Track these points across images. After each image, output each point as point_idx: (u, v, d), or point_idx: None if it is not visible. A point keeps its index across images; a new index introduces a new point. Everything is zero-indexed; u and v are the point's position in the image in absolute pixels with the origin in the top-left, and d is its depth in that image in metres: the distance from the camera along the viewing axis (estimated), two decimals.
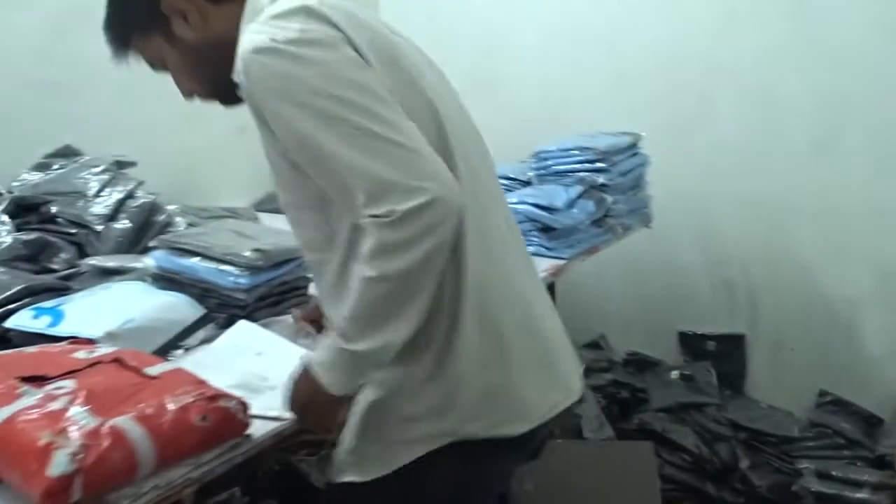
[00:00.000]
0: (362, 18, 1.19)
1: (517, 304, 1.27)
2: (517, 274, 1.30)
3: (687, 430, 2.62)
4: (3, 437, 1.09)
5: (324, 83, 1.09)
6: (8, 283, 1.68)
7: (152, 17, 1.26)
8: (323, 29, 1.12)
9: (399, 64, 1.19)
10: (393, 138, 1.08)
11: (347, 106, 1.08)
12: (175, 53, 1.29)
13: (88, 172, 2.21)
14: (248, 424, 1.24)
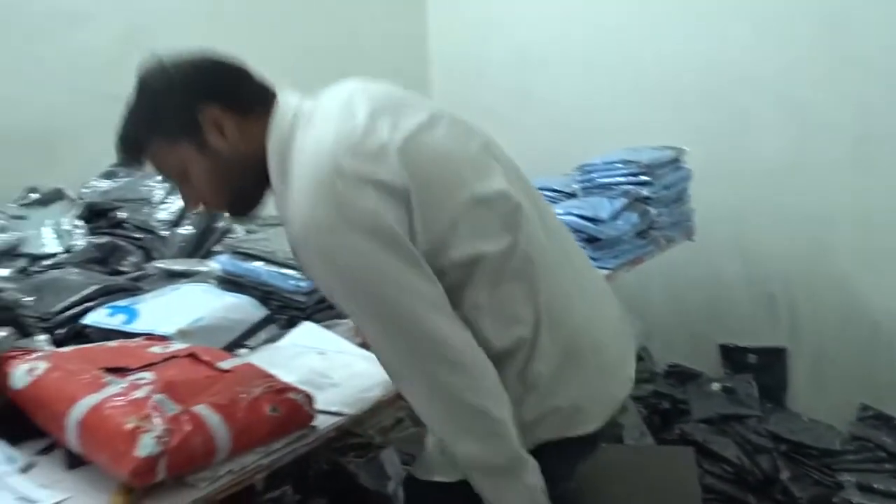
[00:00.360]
0: (395, 142, 1.20)
1: (586, 323, 1.34)
2: (583, 291, 1.38)
3: (728, 442, 2.65)
4: (93, 422, 1.17)
5: (371, 278, 1.15)
6: (83, 283, 1.79)
7: (186, 124, 1.25)
8: (358, 205, 1.13)
9: (440, 180, 1.21)
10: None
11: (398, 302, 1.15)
12: (204, 164, 1.27)
13: (153, 181, 2.32)
14: (313, 416, 1.32)
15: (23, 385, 1.30)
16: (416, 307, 1.16)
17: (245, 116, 1.27)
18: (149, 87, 1.29)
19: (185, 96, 1.25)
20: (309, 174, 1.16)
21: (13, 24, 2.29)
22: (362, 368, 1.54)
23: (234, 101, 1.27)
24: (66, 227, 2.07)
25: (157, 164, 1.32)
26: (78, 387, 1.24)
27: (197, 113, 1.25)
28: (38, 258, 1.97)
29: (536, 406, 1.28)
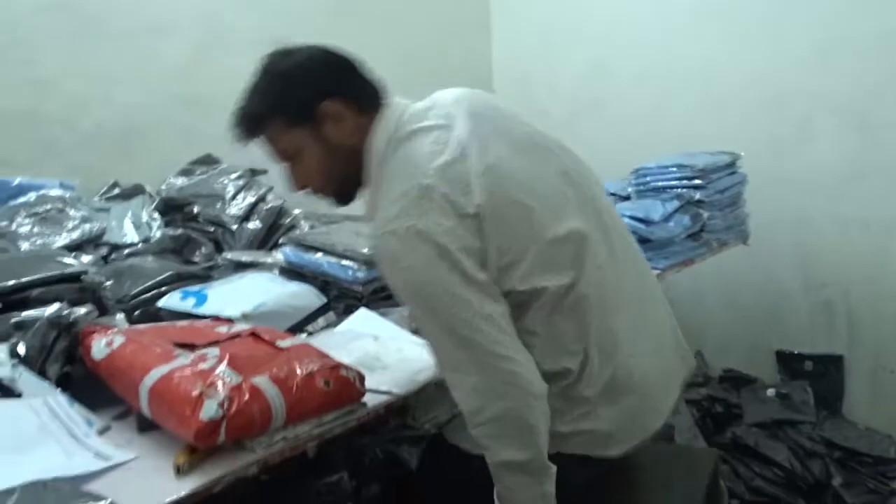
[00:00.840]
0: (479, 153, 1.30)
1: (635, 358, 1.40)
2: (637, 326, 1.43)
3: (780, 446, 2.65)
4: (163, 389, 1.29)
5: (434, 290, 1.24)
6: (158, 269, 1.92)
7: (307, 112, 1.36)
8: (438, 226, 1.23)
9: (505, 196, 1.29)
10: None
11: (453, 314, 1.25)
12: (316, 150, 1.38)
13: (226, 178, 2.46)
14: (363, 393, 1.40)
15: (101, 356, 1.42)
16: (470, 319, 1.24)
17: (361, 113, 1.38)
18: (278, 70, 1.39)
19: (311, 86, 1.37)
20: (398, 186, 1.27)
21: (103, 33, 2.46)
22: (413, 353, 1.63)
23: (354, 97, 1.38)
24: (144, 220, 2.22)
25: (272, 142, 1.42)
26: (151, 358, 1.36)
27: (319, 103, 1.36)
28: (119, 247, 2.12)
29: (572, 423, 1.36)
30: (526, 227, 1.31)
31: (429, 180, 1.25)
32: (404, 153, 1.33)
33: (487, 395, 1.27)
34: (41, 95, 2.33)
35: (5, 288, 1.61)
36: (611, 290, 1.39)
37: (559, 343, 1.34)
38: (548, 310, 1.32)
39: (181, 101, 2.64)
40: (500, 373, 1.26)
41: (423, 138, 1.33)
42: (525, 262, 1.30)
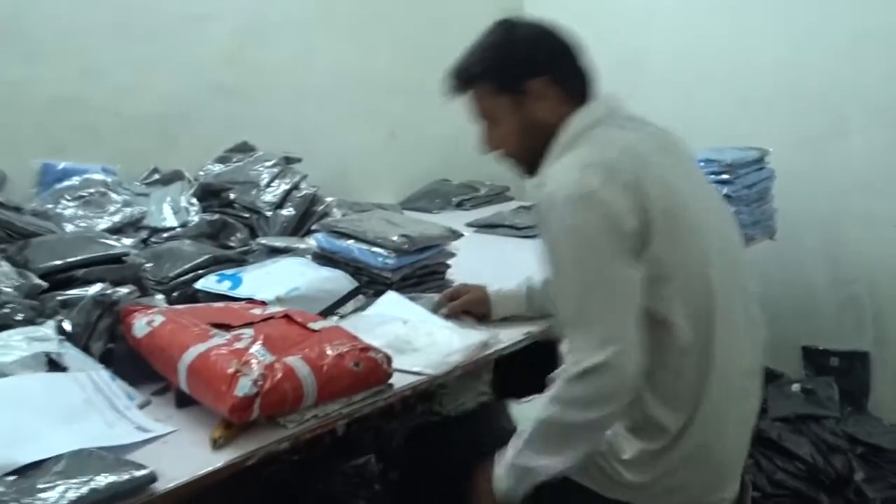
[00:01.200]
0: (658, 165, 1.38)
1: (726, 443, 1.47)
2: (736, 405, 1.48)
3: (803, 440, 2.66)
4: (200, 366, 1.35)
5: (585, 250, 1.30)
6: (195, 253, 1.98)
7: (516, 83, 1.46)
8: (612, 200, 1.29)
9: (676, 214, 1.36)
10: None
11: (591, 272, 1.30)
12: (515, 120, 1.48)
13: (261, 166, 2.52)
14: (391, 374, 1.46)
15: (142, 334, 1.49)
16: (612, 274, 1.30)
17: (565, 97, 1.46)
18: (503, 39, 1.50)
19: (526, 60, 1.47)
20: (586, 156, 1.35)
21: (148, 24, 2.52)
22: (443, 337, 1.69)
23: (563, 80, 1.47)
24: (182, 205, 2.28)
25: (476, 102, 1.52)
26: (189, 337, 1.43)
27: (529, 79, 1.45)
28: (158, 231, 2.19)
29: (645, 466, 1.41)
30: (686, 253, 1.36)
31: (613, 159, 1.34)
32: (600, 133, 1.41)
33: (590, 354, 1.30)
34: (89, 84, 2.40)
35: (52, 267, 1.69)
36: (723, 362, 1.41)
37: (670, 392, 1.39)
38: (675, 352, 1.37)
39: (220, 90, 2.70)
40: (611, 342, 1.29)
41: (619, 131, 1.42)
42: (671, 284, 1.35)
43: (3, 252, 1.79)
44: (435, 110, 3.32)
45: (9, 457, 1.13)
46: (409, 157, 3.32)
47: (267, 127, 2.78)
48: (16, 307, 1.50)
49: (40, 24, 2.29)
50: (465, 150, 3.43)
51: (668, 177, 1.39)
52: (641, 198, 1.32)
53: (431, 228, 2.01)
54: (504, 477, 1.42)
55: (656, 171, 1.37)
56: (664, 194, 1.35)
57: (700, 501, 1.48)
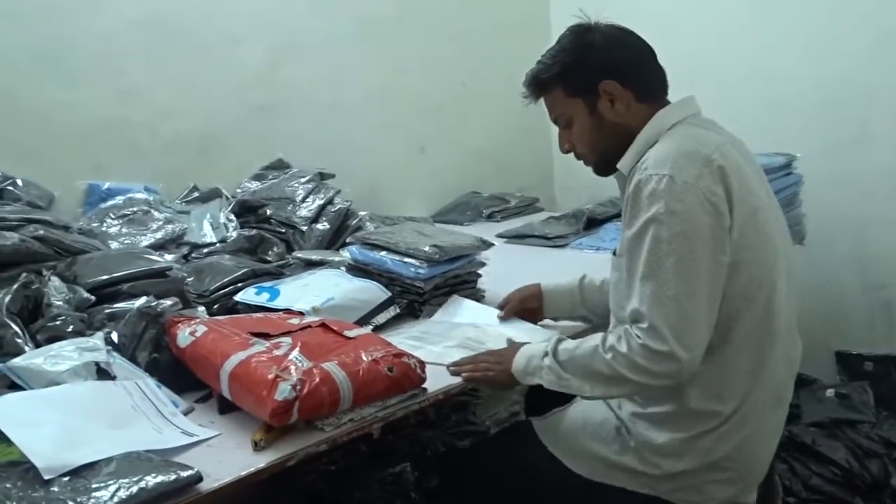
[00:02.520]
0: (741, 164, 1.44)
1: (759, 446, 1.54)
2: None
3: (838, 445, 2.65)
4: (242, 372, 1.41)
5: (682, 234, 1.35)
6: (234, 267, 2.05)
7: (588, 88, 1.53)
8: (711, 188, 1.36)
9: (755, 216, 1.42)
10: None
11: (683, 259, 1.35)
12: (588, 122, 1.56)
13: (296, 182, 2.60)
14: (424, 379, 1.50)
15: (186, 344, 1.56)
16: (699, 260, 1.35)
17: (638, 99, 1.54)
18: (575, 44, 1.57)
19: (597, 66, 1.54)
20: (677, 147, 1.41)
21: (185, 45, 2.61)
22: (512, 334, 1.77)
23: (635, 84, 1.54)
24: (221, 221, 2.36)
25: (551, 106, 1.61)
26: (230, 345, 1.49)
27: (599, 82, 1.52)
28: (198, 246, 2.26)
29: (682, 449, 1.47)
30: (757, 254, 1.41)
31: (708, 151, 1.39)
32: (687, 130, 1.48)
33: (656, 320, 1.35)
34: (129, 105, 2.49)
35: (99, 282, 1.76)
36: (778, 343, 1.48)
37: (718, 385, 1.45)
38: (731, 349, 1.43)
39: (255, 109, 2.78)
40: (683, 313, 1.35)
41: (703, 130, 1.49)
42: (746, 271, 1.40)
43: (53, 268, 1.87)
44: (464, 124, 3.43)
45: (64, 459, 1.19)
46: (439, 171, 3.37)
47: (301, 144, 2.85)
48: (67, 319, 1.57)
49: (81, 47, 2.38)
50: (493, 163, 3.53)
51: (749, 179, 1.44)
52: (730, 193, 1.38)
53: (462, 239, 2.06)
54: (521, 362, 1.55)
55: (740, 171, 1.42)
56: (746, 195, 1.40)
57: (730, 501, 1.51)
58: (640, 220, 1.39)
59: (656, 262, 1.36)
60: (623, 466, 1.52)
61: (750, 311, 1.42)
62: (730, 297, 1.40)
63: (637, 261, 1.40)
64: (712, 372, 1.42)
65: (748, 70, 3.08)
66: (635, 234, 1.40)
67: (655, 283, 1.36)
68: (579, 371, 1.46)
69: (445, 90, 3.36)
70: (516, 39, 3.52)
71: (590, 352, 1.44)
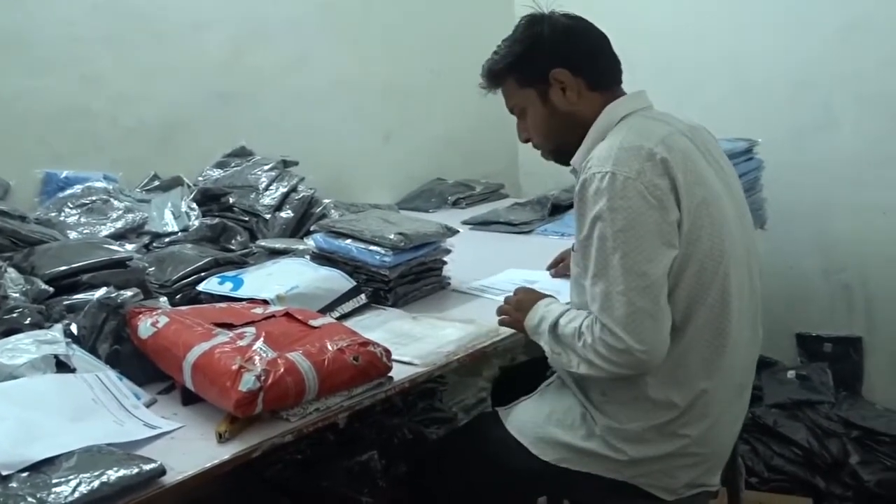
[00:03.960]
0: (690, 155, 1.44)
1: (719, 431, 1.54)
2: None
3: (799, 426, 2.70)
4: (205, 363, 1.39)
5: (626, 230, 1.35)
6: (197, 256, 2.02)
7: (538, 76, 1.55)
8: (654, 182, 1.36)
9: (705, 206, 1.42)
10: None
11: (628, 255, 1.35)
12: (540, 112, 1.58)
13: (259, 170, 2.57)
14: (390, 367, 1.49)
15: (147, 335, 1.54)
16: (645, 254, 1.36)
17: (590, 88, 1.54)
18: (524, 34, 1.58)
19: (546, 54, 1.55)
20: (621, 141, 1.41)
21: (148, 31, 2.56)
22: (443, 331, 1.76)
23: (585, 72, 1.54)
24: (183, 210, 2.32)
25: (507, 96, 1.63)
26: (193, 336, 1.47)
27: (550, 70, 1.52)
28: (160, 236, 2.22)
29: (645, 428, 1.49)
30: (708, 242, 1.41)
31: (656, 149, 1.39)
32: (637, 122, 1.48)
33: (615, 311, 1.37)
34: (89, 92, 2.43)
35: (58, 273, 1.73)
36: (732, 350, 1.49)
37: (677, 374, 1.46)
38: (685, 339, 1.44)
39: (218, 96, 2.74)
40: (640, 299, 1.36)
41: (653, 122, 1.49)
42: (697, 262, 1.41)
43: (10, 259, 1.83)
44: (429, 112, 3.41)
45: (22, 454, 1.17)
46: (404, 158, 3.36)
47: (264, 131, 2.82)
48: (24, 312, 1.54)
49: (40, 34, 2.32)
50: (458, 150, 3.52)
51: (698, 168, 1.44)
52: (676, 185, 1.38)
53: (427, 226, 2.05)
54: (534, 319, 1.56)
55: (687, 162, 1.42)
56: (693, 185, 1.40)
57: (695, 483, 1.53)
58: (588, 218, 1.41)
59: (604, 260, 1.38)
60: (589, 452, 1.53)
61: (703, 302, 1.43)
62: (682, 287, 1.41)
63: (588, 260, 1.41)
64: (667, 362, 1.43)
65: (711, 55, 3.11)
66: (585, 234, 1.42)
67: (605, 281, 1.38)
68: (568, 348, 1.48)
69: (411, 77, 3.34)
70: (481, 26, 3.50)
71: (572, 333, 1.46)
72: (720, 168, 1.55)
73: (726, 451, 1.59)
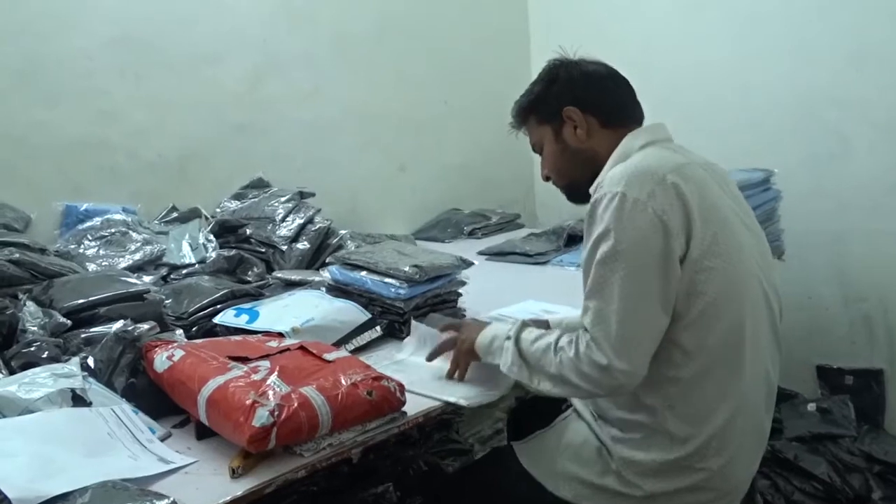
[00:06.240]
0: (706, 184, 1.45)
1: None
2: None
3: (819, 460, 2.66)
4: (219, 397, 1.39)
5: (629, 251, 1.36)
6: (213, 288, 2.04)
7: (553, 114, 1.61)
8: (663, 206, 1.37)
9: (718, 235, 1.41)
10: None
11: (628, 277, 1.36)
12: (554, 148, 1.64)
13: (276, 201, 2.59)
14: (404, 402, 1.49)
15: (163, 369, 1.54)
16: (645, 284, 1.37)
17: (603, 126, 1.59)
18: (545, 75, 1.65)
19: (561, 93, 1.60)
20: (634, 166, 1.43)
21: (165, 64, 2.60)
22: None
23: (596, 109, 1.59)
24: (200, 242, 2.35)
25: (529, 134, 1.70)
26: (207, 370, 1.47)
27: (562, 108, 1.59)
28: (177, 267, 2.25)
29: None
30: (723, 272, 1.40)
31: (665, 170, 1.41)
32: (652, 152, 1.50)
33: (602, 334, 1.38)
34: (108, 125, 2.48)
35: (76, 306, 1.75)
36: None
37: (693, 406, 1.45)
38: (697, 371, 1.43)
39: (234, 128, 2.77)
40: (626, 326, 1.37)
41: (670, 153, 1.51)
42: (709, 291, 1.40)
43: (29, 292, 1.85)
44: (444, 141, 3.43)
45: (38, 489, 1.17)
46: (419, 188, 3.38)
47: (281, 162, 2.85)
48: (41, 345, 1.56)
49: (60, 66, 2.37)
50: (474, 180, 3.53)
51: (713, 199, 1.45)
52: (688, 213, 1.38)
53: (442, 258, 2.06)
54: (486, 338, 1.60)
55: (702, 190, 1.43)
56: (707, 213, 1.40)
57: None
58: (593, 236, 1.42)
59: (602, 278, 1.39)
60: (605, 488, 1.51)
61: (716, 332, 1.42)
62: (694, 318, 1.40)
63: (588, 275, 1.43)
64: (684, 395, 1.42)
65: (725, 85, 3.12)
66: (589, 250, 1.43)
67: (600, 299, 1.39)
68: (532, 363, 1.49)
69: (425, 107, 3.37)
70: (495, 56, 3.55)
71: (542, 348, 1.47)
72: (737, 200, 1.55)
73: (744, 486, 1.56)
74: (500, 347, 1.56)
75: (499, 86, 3.52)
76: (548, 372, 1.46)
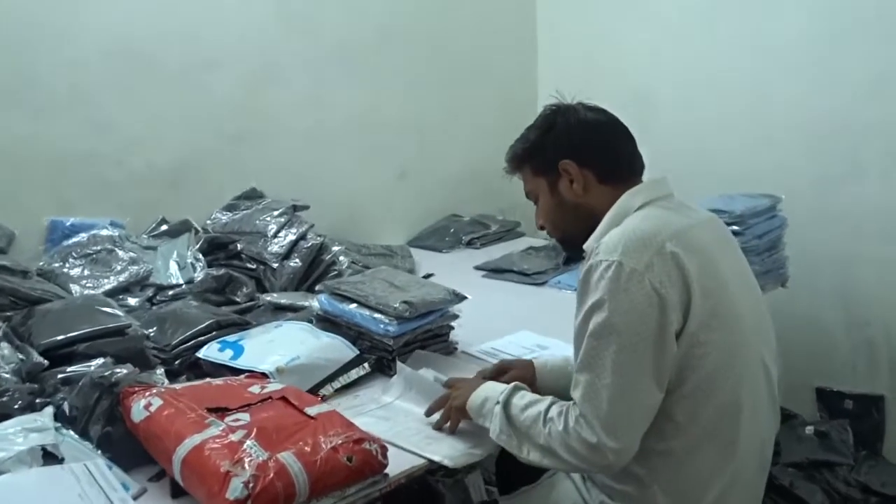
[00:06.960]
0: (707, 249, 1.41)
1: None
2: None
3: (815, 488, 2.62)
4: (195, 460, 1.35)
5: (623, 325, 1.32)
6: (198, 316, 1.99)
7: (549, 167, 1.54)
8: (661, 278, 1.32)
9: (718, 305, 1.37)
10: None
11: (622, 352, 1.32)
12: (549, 201, 1.57)
13: (269, 215, 2.53)
14: (385, 465, 1.44)
15: (140, 419, 1.49)
16: (638, 362, 1.32)
17: (600, 181, 1.52)
18: (544, 125, 1.59)
19: (556, 145, 1.54)
20: (632, 229, 1.38)
21: (156, 74, 2.54)
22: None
23: (594, 166, 1.52)
24: (188, 261, 2.30)
25: (524, 182, 1.64)
26: (185, 425, 1.42)
27: (558, 161, 1.52)
28: (164, 288, 2.20)
29: None
30: (719, 344, 1.37)
31: (667, 243, 1.35)
32: (650, 213, 1.45)
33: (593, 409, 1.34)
34: (97, 137, 2.42)
35: (54, 343, 1.70)
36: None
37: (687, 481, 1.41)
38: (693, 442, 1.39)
39: (229, 137, 2.71)
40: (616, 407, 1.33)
41: (669, 213, 1.46)
42: (706, 364, 1.36)
43: (9, 321, 1.81)
44: (444, 148, 3.36)
45: None
46: (419, 195, 3.32)
47: (277, 171, 2.79)
48: (13, 395, 1.51)
49: (48, 79, 2.31)
50: (474, 185, 3.46)
51: (714, 265, 1.40)
52: (687, 285, 1.33)
53: (434, 292, 2.00)
54: (478, 399, 1.55)
55: (702, 258, 1.38)
56: (707, 283, 1.36)
57: None
58: (587, 305, 1.37)
59: (595, 351, 1.34)
60: None
61: (709, 405, 1.38)
62: (688, 391, 1.36)
63: (580, 347, 1.38)
64: (674, 469, 1.38)
65: (736, 106, 3.06)
66: (581, 320, 1.39)
67: (591, 373, 1.35)
68: (521, 431, 1.45)
69: (426, 114, 3.29)
70: (498, 62, 3.47)
71: (532, 417, 1.43)
72: (735, 255, 1.51)
73: None
74: (491, 411, 1.50)
75: (501, 90, 3.47)
76: (536, 442, 1.41)
